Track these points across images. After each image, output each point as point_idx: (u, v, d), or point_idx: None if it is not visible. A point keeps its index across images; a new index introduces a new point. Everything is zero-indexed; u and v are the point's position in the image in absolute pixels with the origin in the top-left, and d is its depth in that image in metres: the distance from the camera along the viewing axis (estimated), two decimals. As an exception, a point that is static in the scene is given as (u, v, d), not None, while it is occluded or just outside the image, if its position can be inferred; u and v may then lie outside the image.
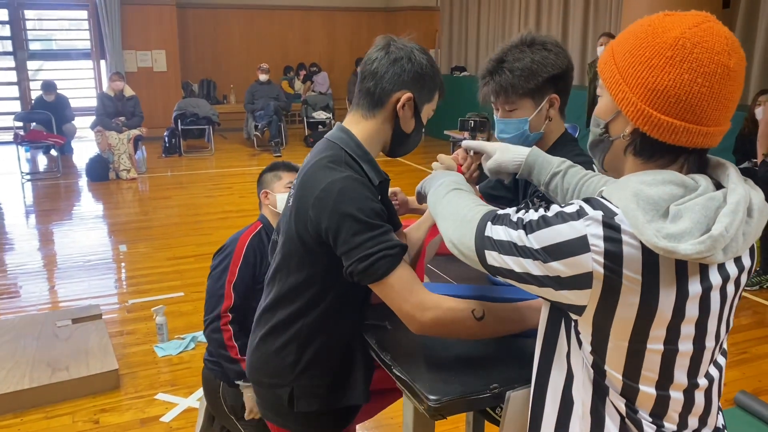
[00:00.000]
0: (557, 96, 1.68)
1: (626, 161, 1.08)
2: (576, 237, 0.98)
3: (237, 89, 11.89)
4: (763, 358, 3.52)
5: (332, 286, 1.47)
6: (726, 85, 0.97)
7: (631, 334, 1.00)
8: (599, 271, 0.97)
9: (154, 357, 3.49)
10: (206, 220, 6.19)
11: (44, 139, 8.35)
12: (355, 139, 1.48)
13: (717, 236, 0.92)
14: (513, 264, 1.04)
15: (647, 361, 1.02)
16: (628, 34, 1.04)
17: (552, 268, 1.00)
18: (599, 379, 1.07)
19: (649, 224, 0.94)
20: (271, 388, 1.57)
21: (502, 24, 10.31)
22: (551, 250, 1.00)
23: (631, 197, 0.97)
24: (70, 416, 2.94)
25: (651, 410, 1.06)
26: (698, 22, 0.98)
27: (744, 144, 5.10)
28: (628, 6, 6.04)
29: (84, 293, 4.37)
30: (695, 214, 0.94)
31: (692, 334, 1.02)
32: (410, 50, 1.47)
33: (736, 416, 2.93)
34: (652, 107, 0.99)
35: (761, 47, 6.14)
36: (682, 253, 0.92)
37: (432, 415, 1.24)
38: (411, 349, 1.43)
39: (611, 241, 0.96)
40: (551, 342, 1.14)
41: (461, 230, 1.13)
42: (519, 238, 1.03)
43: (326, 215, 1.36)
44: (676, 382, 1.05)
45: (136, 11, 10.63)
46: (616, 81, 1.04)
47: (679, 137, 0.99)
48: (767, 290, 4.42)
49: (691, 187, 0.98)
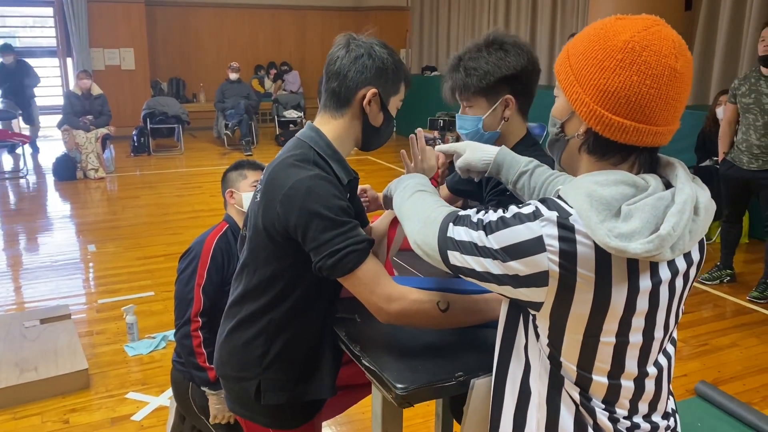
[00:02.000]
0: (512, 97, 1.70)
1: (581, 159, 1.12)
2: (532, 237, 1.02)
3: (207, 88, 11.80)
4: (722, 349, 3.64)
5: (300, 280, 1.50)
6: (673, 87, 1.01)
7: (585, 328, 1.05)
8: (554, 269, 1.01)
9: (125, 356, 3.47)
10: (176, 220, 6.15)
11: (9, 138, 8.20)
12: (325, 138, 1.51)
13: (665, 236, 0.97)
14: (474, 263, 1.08)
15: (600, 352, 1.07)
16: (582, 37, 1.08)
17: (510, 267, 1.04)
18: (555, 370, 1.12)
19: (602, 224, 0.98)
20: (239, 381, 1.58)
21: (472, 24, 10.40)
22: (509, 250, 1.04)
23: (585, 198, 1.01)
24: (39, 416, 2.92)
25: (603, 398, 1.11)
26: (647, 25, 1.02)
27: (705, 142, 5.24)
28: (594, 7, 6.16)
29: (52, 294, 4.32)
30: (645, 214, 0.98)
31: (642, 326, 1.07)
32: (370, 46, 1.50)
33: (697, 406, 3.02)
34: (604, 108, 1.03)
35: (722, 48, 6.31)
36: (632, 252, 0.96)
37: (399, 403, 1.28)
38: (380, 340, 1.47)
39: (566, 240, 1.01)
40: (510, 335, 1.19)
41: (424, 231, 1.17)
42: (479, 238, 1.07)
43: (294, 213, 1.39)
44: (627, 371, 1.10)
45: (104, 8, 10.48)
46: (571, 82, 1.07)
47: (629, 136, 1.03)
48: (727, 285, 4.55)
49: (641, 187, 1.03)
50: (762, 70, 4.08)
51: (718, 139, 4.51)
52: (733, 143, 4.35)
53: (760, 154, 4.11)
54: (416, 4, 11.97)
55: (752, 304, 4.24)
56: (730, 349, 3.64)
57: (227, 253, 2.22)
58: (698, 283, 4.55)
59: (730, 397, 3.01)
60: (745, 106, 4.17)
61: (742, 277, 4.68)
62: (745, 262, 5.03)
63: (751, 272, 4.79)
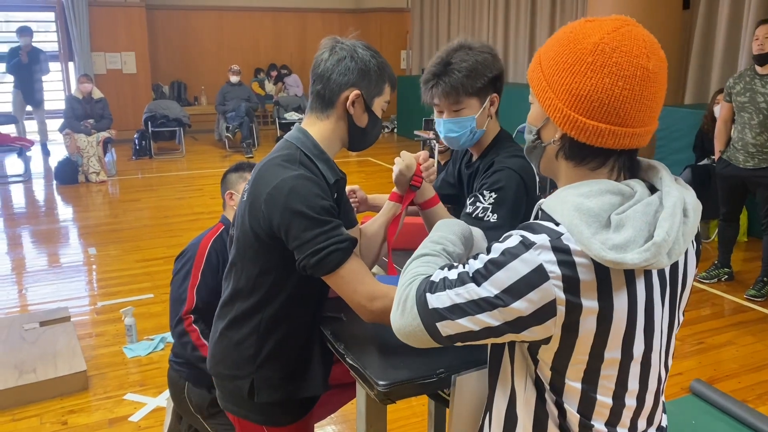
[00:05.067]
0: (497, 95, 1.79)
1: (560, 165, 1.10)
2: (532, 270, 0.98)
3: (208, 91, 11.84)
4: (718, 347, 3.65)
5: (288, 278, 1.52)
6: (647, 87, 1.00)
7: (591, 347, 1.03)
8: (561, 297, 0.98)
9: (123, 358, 3.50)
10: (177, 222, 6.18)
11: (11, 142, 8.24)
12: (312, 139, 1.54)
13: (660, 242, 0.95)
14: (470, 324, 1.03)
15: (604, 370, 1.05)
16: (552, 41, 1.07)
17: (513, 310, 1.00)
18: (539, 400, 1.10)
19: (594, 237, 0.96)
20: (232, 380, 1.61)
21: (472, 25, 10.42)
22: (511, 291, 0.99)
23: (572, 212, 0.99)
24: (37, 418, 2.94)
25: (607, 420, 1.09)
26: (617, 26, 1.01)
27: (703, 141, 5.24)
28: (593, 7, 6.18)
29: (53, 296, 4.35)
30: (636, 222, 0.97)
31: (642, 338, 1.05)
32: (353, 48, 1.53)
33: (692, 404, 3.03)
34: (577, 112, 1.01)
35: (721, 47, 6.31)
36: (630, 264, 0.95)
37: (382, 400, 1.30)
38: (364, 339, 1.49)
39: (565, 265, 0.98)
40: (495, 362, 1.17)
41: (403, 318, 1.09)
42: (469, 292, 1.02)
43: (278, 212, 1.42)
44: (630, 389, 1.08)
45: (105, 13, 10.54)
46: (543, 88, 1.06)
47: (605, 140, 1.01)
48: (725, 283, 4.56)
49: (627, 194, 1.01)
50: (756, 68, 4.09)
51: (714, 137, 4.52)
52: (729, 142, 4.36)
53: (755, 152, 4.11)
54: (416, 5, 12.00)
55: (749, 303, 4.24)
56: (726, 347, 3.65)
57: (222, 254, 2.23)
58: (696, 281, 4.56)
59: (725, 395, 3.02)
60: (740, 105, 4.17)
61: (740, 276, 4.68)
62: (744, 261, 5.03)
63: (749, 270, 4.80)
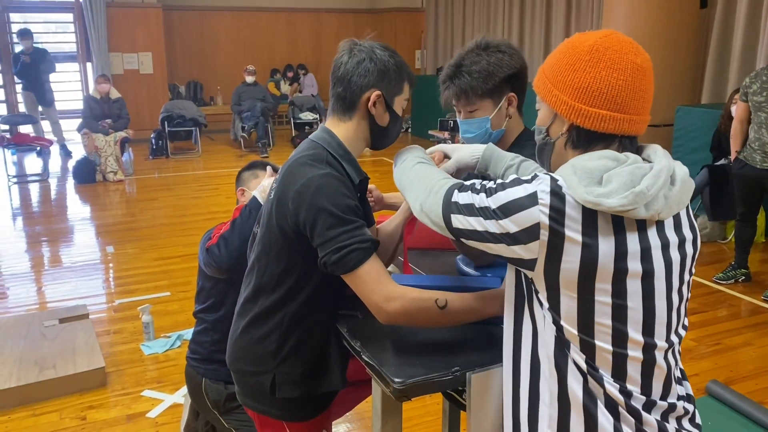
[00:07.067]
0: (515, 94, 1.78)
1: (568, 156, 1.22)
2: (527, 194, 1.13)
3: (224, 91, 11.92)
4: (735, 348, 3.62)
5: (311, 275, 1.54)
6: (638, 79, 1.17)
7: (578, 285, 1.12)
8: (545, 222, 1.11)
9: (141, 355, 3.54)
10: (193, 221, 6.23)
11: (30, 142, 8.36)
12: (337, 140, 1.58)
13: (638, 192, 1.07)
14: (476, 223, 1.18)
15: (598, 314, 1.13)
16: (552, 55, 1.26)
17: (506, 224, 1.14)
18: (560, 336, 1.17)
19: (584, 187, 1.09)
20: (254, 375, 1.63)
21: (487, 25, 10.41)
22: (505, 208, 1.15)
23: (569, 168, 1.14)
24: (57, 413, 2.99)
25: (612, 371, 1.15)
26: (607, 33, 1.20)
27: (720, 141, 5.20)
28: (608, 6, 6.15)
29: (71, 294, 4.41)
30: (623, 178, 1.09)
31: (639, 291, 1.13)
32: (371, 49, 1.56)
33: (708, 405, 3.03)
34: (581, 102, 1.18)
35: (739, 46, 6.25)
36: (607, 205, 1.07)
37: (397, 397, 1.31)
38: (380, 336, 1.50)
39: (556, 196, 1.11)
40: (519, 307, 1.25)
41: (429, 199, 1.27)
42: (480, 200, 1.18)
43: (304, 208, 1.45)
44: (631, 338, 1.14)
45: (122, 13, 10.65)
46: (549, 89, 1.22)
47: (607, 125, 1.17)
48: (742, 284, 4.52)
49: (622, 160, 1.14)
50: (774, 67, 4.06)
51: (730, 137, 4.48)
52: (745, 142, 4.32)
53: (773, 152, 4.08)
54: (431, 5, 12.01)
55: (767, 304, 4.20)
56: (743, 348, 3.62)
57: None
58: (713, 282, 4.53)
59: (741, 396, 3.01)
60: (756, 104, 4.14)
61: (757, 277, 4.64)
62: (762, 261, 4.99)
63: (766, 271, 4.75)
